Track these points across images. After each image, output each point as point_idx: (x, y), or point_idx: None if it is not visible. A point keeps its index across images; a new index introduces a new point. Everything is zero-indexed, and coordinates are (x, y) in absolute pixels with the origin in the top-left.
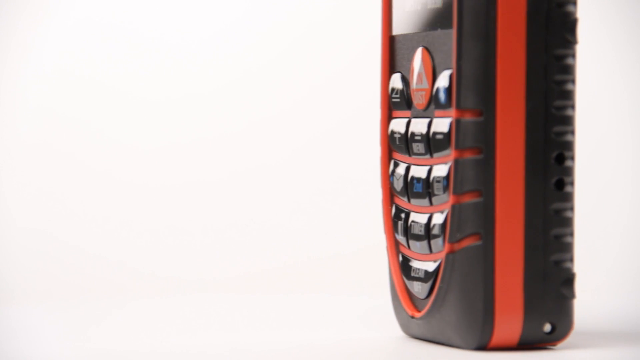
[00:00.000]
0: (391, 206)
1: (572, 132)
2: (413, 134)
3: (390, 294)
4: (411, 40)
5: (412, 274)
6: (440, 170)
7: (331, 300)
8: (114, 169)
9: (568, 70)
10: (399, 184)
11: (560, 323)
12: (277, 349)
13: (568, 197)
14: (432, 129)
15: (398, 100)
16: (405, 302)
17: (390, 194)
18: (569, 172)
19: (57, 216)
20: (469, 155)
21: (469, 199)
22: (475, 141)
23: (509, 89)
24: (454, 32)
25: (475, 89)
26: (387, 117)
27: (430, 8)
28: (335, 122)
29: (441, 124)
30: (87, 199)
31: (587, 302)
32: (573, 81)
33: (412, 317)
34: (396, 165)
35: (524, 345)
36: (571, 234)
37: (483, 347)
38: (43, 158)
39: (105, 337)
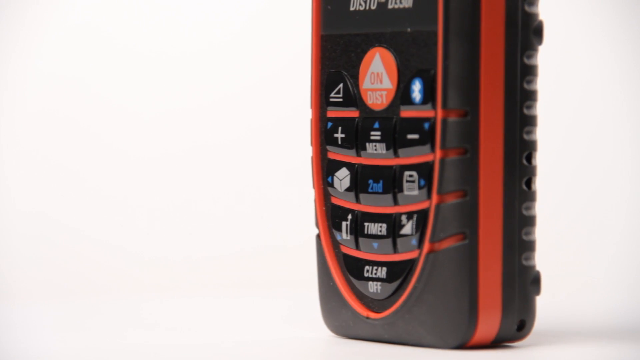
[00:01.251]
0: (325, 206)
1: (536, 132)
2: (368, 134)
3: (321, 295)
4: (360, 40)
5: (366, 274)
6: (414, 170)
7: (262, 299)
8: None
9: (535, 71)
10: (342, 185)
11: (529, 320)
12: (212, 349)
13: (535, 196)
14: (400, 129)
15: (340, 99)
16: (355, 303)
17: (323, 194)
18: (535, 171)
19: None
20: (454, 155)
21: (453, 199)
22: (461, 141)
23: (491, 89)
24: (439, 32)
25: (462, 89)
26: (318, 117)
27: (394, 8)
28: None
29: (415, 124)
30: None
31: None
32: (536, 81)
33: (367, 318)
34: (336, 165)
35: (496, 343)
36: (534, 232)
37: (463, 345)
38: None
39: None
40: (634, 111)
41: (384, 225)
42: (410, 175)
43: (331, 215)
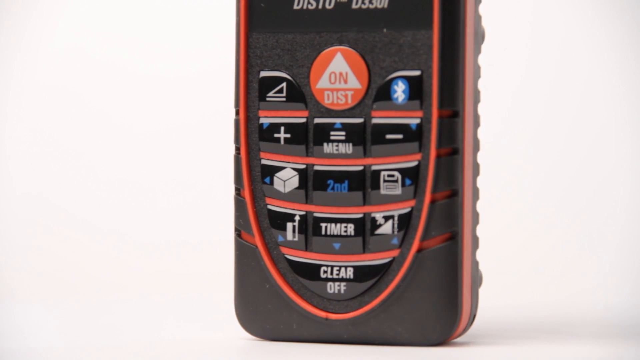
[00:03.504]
0: (257, 207)
1: None
2: (327, 134)
3: (246, 298)
4: (311, 39)
5: (323, 275)
6: (395, 169)
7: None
8: None
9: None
10: (287, 185)
11: (477, 313)
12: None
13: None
14: (375, 129)
15: (282, 99)
16: (306, 305)
17: (254, 195)
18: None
19: None
20: (446, 155)
21: (444, 198)
22: (452, 141)
23: (470, 90)
24: (435, 33)
25: (454, 90)
26: (247, 116)
27: (361, 8)
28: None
29: (396, 124)
30: None
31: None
32: None
33: (326, 319)
34: (277, 166)
35: (457, 337)
36: None
37: (443, 342)
38: None
39: None
40: (633, 112)
41: (351, 225)
42: (391, 175)
43: (269, 217)
